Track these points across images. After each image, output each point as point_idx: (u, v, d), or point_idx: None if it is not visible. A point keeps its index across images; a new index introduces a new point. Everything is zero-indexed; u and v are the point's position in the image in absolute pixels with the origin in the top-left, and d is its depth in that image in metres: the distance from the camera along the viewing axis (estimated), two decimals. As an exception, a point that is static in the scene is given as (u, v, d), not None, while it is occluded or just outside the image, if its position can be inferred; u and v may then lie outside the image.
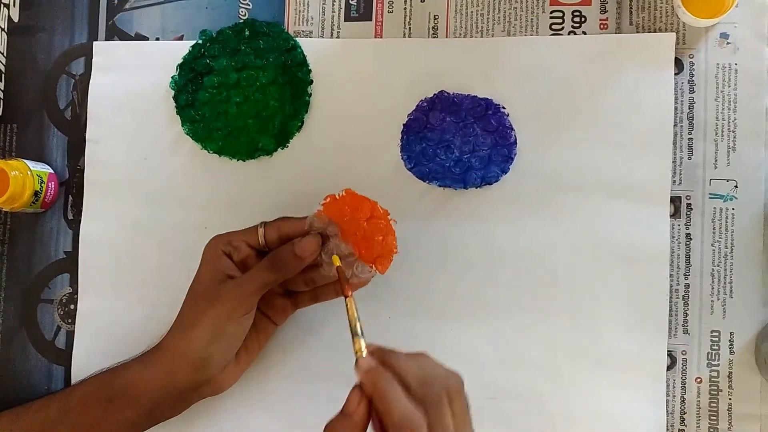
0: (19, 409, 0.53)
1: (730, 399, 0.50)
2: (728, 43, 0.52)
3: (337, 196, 0.47)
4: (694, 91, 0.52)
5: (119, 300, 0.57)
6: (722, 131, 0.51)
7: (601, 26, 0.53)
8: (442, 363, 0.41)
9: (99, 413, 0.49)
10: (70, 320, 0.58)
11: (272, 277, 0.46)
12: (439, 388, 0.39)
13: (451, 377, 0.40)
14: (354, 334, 0.42)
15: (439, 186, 0.54)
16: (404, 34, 0.55)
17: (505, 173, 0.53)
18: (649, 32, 0.52)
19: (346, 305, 0.43)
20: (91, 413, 0.49)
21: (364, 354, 0.41)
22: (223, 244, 0.48)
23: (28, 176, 0.56)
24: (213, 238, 0.49)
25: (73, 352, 0.57)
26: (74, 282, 0.58)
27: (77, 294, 0.58)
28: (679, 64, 0.52)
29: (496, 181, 0.53)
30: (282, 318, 0.51)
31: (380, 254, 0.46)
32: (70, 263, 0.58)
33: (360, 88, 0.55)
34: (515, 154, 0.53)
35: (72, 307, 0.58)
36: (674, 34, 0.52)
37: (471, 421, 0.40)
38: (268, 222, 0.49)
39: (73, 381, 0.57)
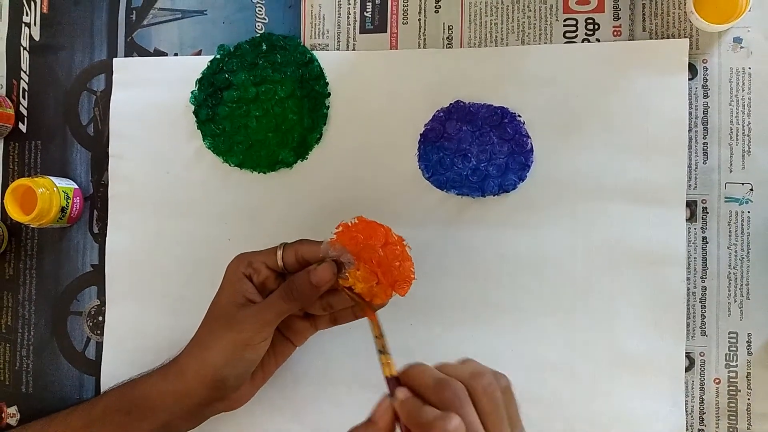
0: (45, 420, 0.54)
1: (748, 399, 0.51)
2: (741, 47, 0.52)
3: (350, 224, 0.47)
4: (708, 96, 0.52)
5: (145, 311, 0.58)
6: (737, 135, 0.52)
7: (615, 33, 0.54)
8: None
9: (118, 425, 0.50)
10: (98, 331, 0.59)
11: (288, 306, 0.47)
12: (487, 381, 0.39)
13: (500, 376, 0.40)
14: (382, 351, 0.43)
15: (457, 194, 0.54)
16: (419, 45, 0.56)
17: (522, 180, 0.53)
18: (663, 38, 0.53)
19: (371, 326, 0.44)
20: (111, 425, 0.51)
21: (395, 372, 0.41)
22: (244, 265, 0.49)
23: (55, 193, 0.57)
24: (234, 259, 0.50)
25: (102, 363, 0.59)
26: (102, 294, 0.59)
27: (105, 306, 0.59)
28: (692, 69, 0.52)
29: (513, 188, 0.53)
30: (301, 340, 0.52)
31: (398, 279, 0.46)
32: (97, 276, 0.60)
33: (377, 100, 0.56)
34: (532, 162, 0.53)
35: (100, 318, 0.59)
36: (687, 39, 0.52)
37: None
38: (287, 244, 0.49)
39: (102, 390, 0.58)
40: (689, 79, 0.52)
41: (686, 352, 0.51)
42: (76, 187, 0.59)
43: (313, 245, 0.48)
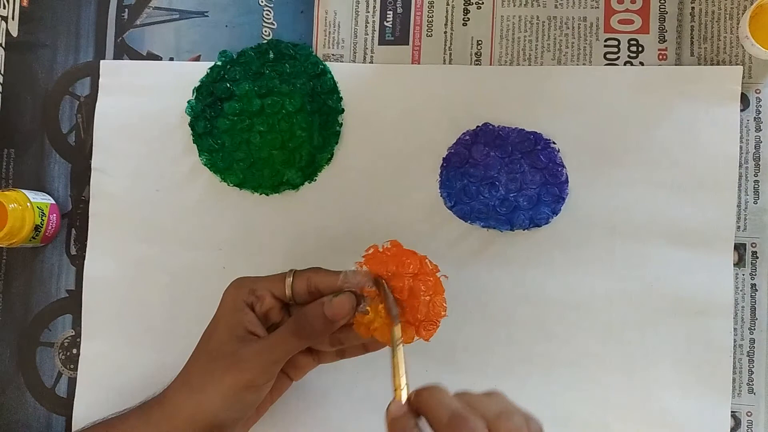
0: None
1: (798, 465, 0.46)
2: (799, 77, 0.48)
3: (380, 248, 0.42)
4: (760, 130, 0.48)
5: (126, 345, 0.53)
6: (792, 173, 0.48)
7: (660, 57, 0.49)
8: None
9: None
10: (72, 366, 0.53)
11: (299, 343, 0.42)
12: (516, 424, 0.34)
13: (532, 420, 0.35)
14: (397, 386, 0.37)
15: (483, 227, 0.50)
16: (444, 60, 0.51)
17: (556, 214, 0.49)
18: (712, 64, 0.49)
19: (395, 354, 0.38)
20: None
21: (403, 398, 0.36)
22: (246, 293, 0.43)
23: (28, 209, 0.51)
24: (234, 284, 0.44)
25: (75, 401, 0.53)
26: (77, 324, 0.54)
27: (80, 337, 0.53)
28: (744, 99, 0.48)
29: (546, 223, 0.49)
30: (301, 374, 0.47)
31: (426, 317, 0.41)
32: (72, 303, 0.54)
33: (396, 118, 0.51)
34: (567, 194, 0.49)
35: (74, 351, 0.53)
36: (741, 67, 0.48)
37: None
38: (298, 271, 0.44)
39: None
40: (741, 110, 0.48)
41: (732, 411, 0.47)
42: (53, 202, 0.54)
43: (330, 275, 0.43)
